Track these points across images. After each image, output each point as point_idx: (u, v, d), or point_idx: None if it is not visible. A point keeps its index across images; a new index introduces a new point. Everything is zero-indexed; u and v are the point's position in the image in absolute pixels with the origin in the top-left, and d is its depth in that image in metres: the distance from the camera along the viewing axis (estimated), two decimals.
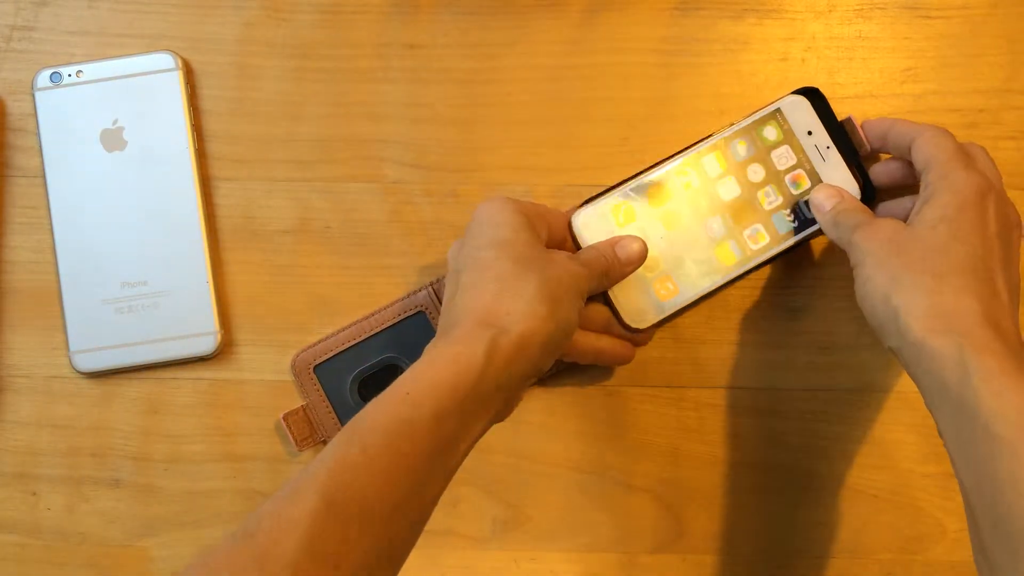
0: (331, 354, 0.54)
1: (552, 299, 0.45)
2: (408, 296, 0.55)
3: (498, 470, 0.55)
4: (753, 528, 0.55)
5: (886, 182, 0.53)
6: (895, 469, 0.55)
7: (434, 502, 0.43)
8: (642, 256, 0.51)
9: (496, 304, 0.44)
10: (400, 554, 0.42)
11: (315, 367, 0.54)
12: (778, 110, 0.53)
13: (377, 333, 0.55)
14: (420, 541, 0.54)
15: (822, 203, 0.51)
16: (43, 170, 0.55)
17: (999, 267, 0.45)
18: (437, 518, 0.54)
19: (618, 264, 0.51)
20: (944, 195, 0.46)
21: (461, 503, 0.55)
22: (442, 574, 0.55)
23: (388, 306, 0.55)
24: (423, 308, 0.54)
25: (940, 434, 0.43)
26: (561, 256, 0.48)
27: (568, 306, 0.46)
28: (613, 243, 0.51)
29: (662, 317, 0.53)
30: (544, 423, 0.55)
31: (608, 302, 0.53)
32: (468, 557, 0.55)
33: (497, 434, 0.55)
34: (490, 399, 0.43)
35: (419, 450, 0.41)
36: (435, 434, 0.41)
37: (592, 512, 0.55)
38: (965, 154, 0.48)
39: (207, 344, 0.54)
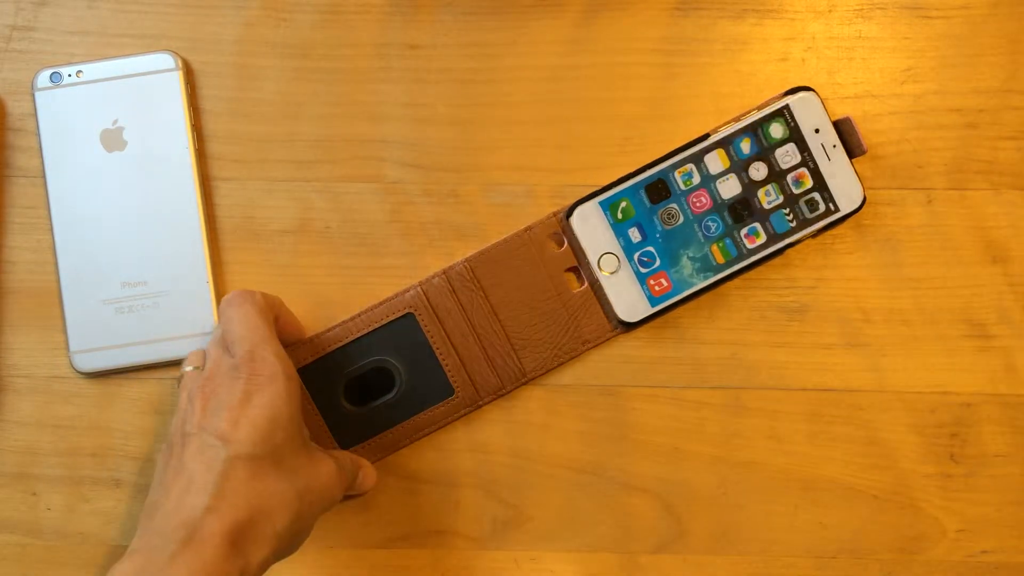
0: (317, 356, 0.54)
1: (298, 532, 0.44)
2: (396, 296, 0.54)
3: (498, 470, 0.55)
4: (753, 528, 0.55)
5: None
6: (895, 469, 0.55)
7: None
8: (373, 484, 0.51)
9: (251, 527, 0.42)
10: None
11: (300, 369, 0.53)
12: (786, 107, 0.53)
13: (364, 335, 0.54)
14: (420, 541, 0.55)
15: None
16: (43, 170, 0.55)
17: None
18: (437, 518, 0.55)
19: (354, 487, 0.50)
20: None
21: (461, 503, 0.55)
22: (442, 574, 0.55)
23: (375, 307, 0.54)
24: (412, 309, 0.54)
25: None
26: (329, 470, 0.46)
27: (310, 529, 0.46)
28: (360, 465, 0.50)
29: (653, 312, 0.53)
30: (544, 423, 0.55)
31: (600, 296, 0.53)
32: (468, 557, 0.55)
33: (497, 434, 0.55)
34: None
35: None
36: None
37: (592, 512, 0.55)
38: None
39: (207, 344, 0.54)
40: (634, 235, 0.54)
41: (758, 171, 0.54)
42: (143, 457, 0.55)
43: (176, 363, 0.55)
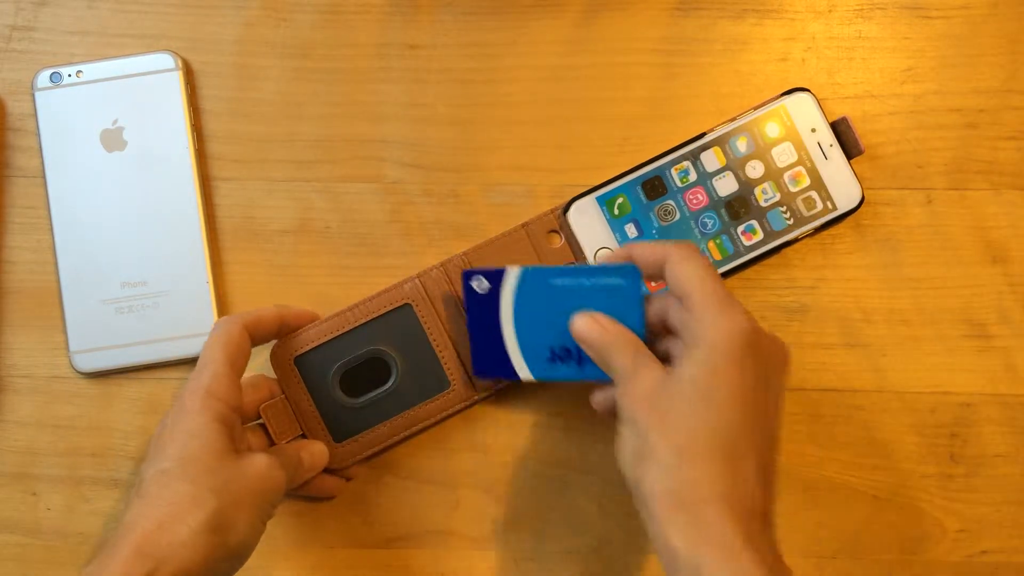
0: (312, 345, 0.53)
1: (224, 527, 0.44)
2: (394, 287, 0.54)
3: (498, 470, 0.55)
4: None
5: (655, 321, 0.48)
6: (895, 469, 0.55)
7: None
8: (324, 462, 0.51)
9: (159, 532, 0.43)
10: None
11: (296, 358, 0.53)
12: (782, 106, 0.54)
13: (361, 325, 0.53)
14: (420, 541, 0.55)
15: (583, 334, 0.47)
16: (43, 170, 0.55)
17: (753, 437, 0.42)
18: (437, 518, 0.55)
19: (303, 471, 0.50)
20: (702, 347, 0.43)
21: (461, 503, 0.55)
22: (442, 574, 0.55)
23: (373, 297, 0.53)
24: (410, 301, 0.53)
25: None
26: (259, 464, 0.46)
27: (246, 528, 0.45)
28: (300, 447, 0.51)
29: None
30: (544, 423, 0.55)
31: None
32: (468, 557, 0.55)
33: (497, 434, 0.55)
34: None
35: None
36: None
37: (592, 512, 0.55)
38: (721, 285, 0.44)
39: None
40: (630, 231, 0.54)
41: (754, 169, 0.54)
42: (143, 457, 0.55)
43: (176, 363, 0.55)
